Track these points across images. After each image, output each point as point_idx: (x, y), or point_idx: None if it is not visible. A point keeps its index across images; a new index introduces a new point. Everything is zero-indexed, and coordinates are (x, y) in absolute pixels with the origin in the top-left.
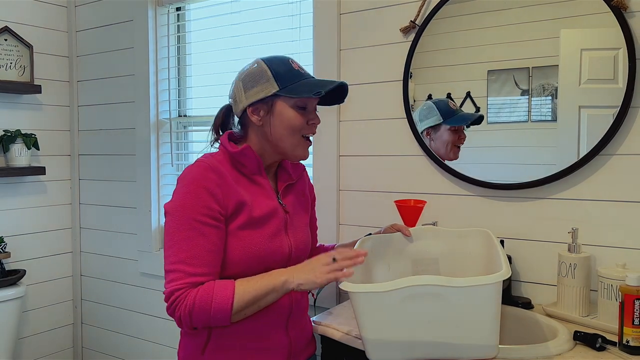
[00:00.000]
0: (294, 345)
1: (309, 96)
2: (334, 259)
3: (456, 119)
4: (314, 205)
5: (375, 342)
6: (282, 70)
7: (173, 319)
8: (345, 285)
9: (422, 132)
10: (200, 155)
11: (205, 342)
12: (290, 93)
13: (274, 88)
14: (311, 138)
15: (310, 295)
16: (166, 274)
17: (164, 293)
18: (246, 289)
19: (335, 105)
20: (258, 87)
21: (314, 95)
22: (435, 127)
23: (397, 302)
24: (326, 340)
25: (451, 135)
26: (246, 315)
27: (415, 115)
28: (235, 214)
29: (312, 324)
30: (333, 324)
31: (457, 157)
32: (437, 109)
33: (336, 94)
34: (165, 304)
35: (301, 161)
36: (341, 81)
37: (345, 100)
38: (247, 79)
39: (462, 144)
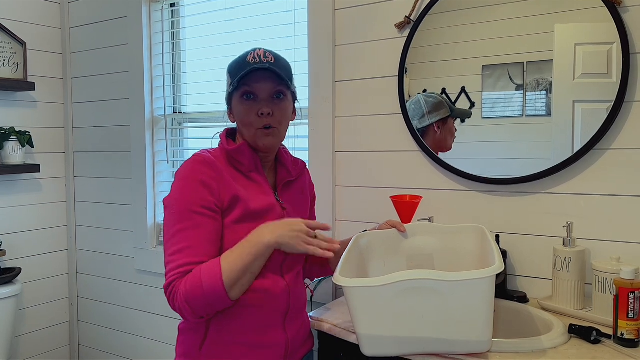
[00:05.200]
0: (292, 341)
1: (232, 90)
2: (315, 236)
3: (460, 113)
4: (314, 204)
5: (369, 337)
6: (234, 65)
7: (176, 313)
8: (339, 280)
9: (430, 125)
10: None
11: (202, 338)
12: (230, 87)
13: (229, 85)
14: (266, 126)
15: (308, 291)
16: (165, 267)
17: (164, 287)
18: (231, 260)
19: (331, 101)
20: (226, 88)
21: (232, 87)
22: (444, 120)
23: (390, 296)
24: (323, 336)
25: (454, 127)
26: (244, 286)
27: (419, 108)
28: (230, 208)
29: (310, 319)
30: (330, 320)
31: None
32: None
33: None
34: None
35: (299, 157)
36: (256, 66)
37: (339, 94)
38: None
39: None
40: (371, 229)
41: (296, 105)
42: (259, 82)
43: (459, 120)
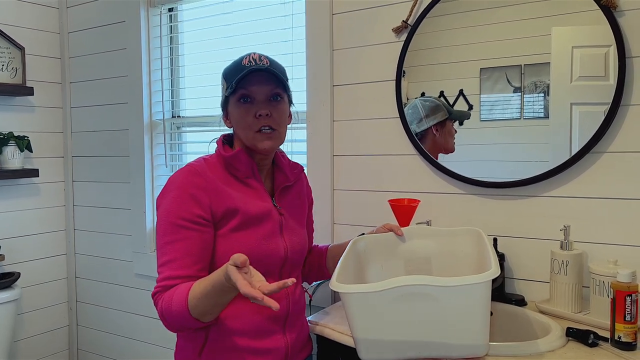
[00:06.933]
0: (291, 346)
1: (230, 93)
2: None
3: (459, 114)
4: (311, 208)
5: (366, 342)
6: (229, 70)
7: None
8: (336, 286)
9: (428, 128)
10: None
11: (202, 344)
12: (227, 91)
13: (224, 90)
14: (266, 130)
15: (306, 295)
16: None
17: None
18: (197, 289)
19: (329, 105)
20: (221, 93)
21: (228, 89)
22: (442, 122)
23: (387, 302)
24: (322, 340)
25: (453, 128)
26: (214, 314)
27: (416, 112)
28: (226, 218)
29: (308, 323)
30: (329, 324)
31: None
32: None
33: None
34: None
35: (297, 161)
36: (253, 67)
37: (337, 98)
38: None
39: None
40: (368, 232)
41: (292, 109)
42: (255, 85)
43: (457, 122)
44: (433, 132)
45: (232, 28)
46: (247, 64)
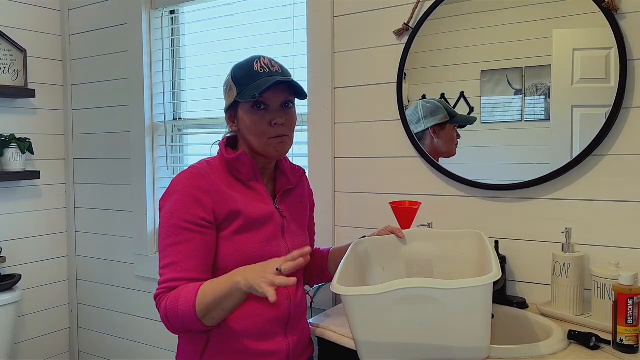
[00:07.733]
0: (293, 349)
1: (248, 100)
2: (278, 269)
3: (462, 119)
4: (313, 211)
5: (367, 345)
6: (240, 75)
7: None
8: (336, 288)
9: (425, 130)
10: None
11: (204, 346)
12: (241, 97)
13: (234, 94)
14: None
15: (307, 297)
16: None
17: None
18: (206, 291)
19: (330, 108)
20: (227, 95)
21: (251, 99)
22: (442, 125)
23: (388, 304)
24: (323, 343)
25: (455, 133)
26: (215, 319)
27: (415, 113)
28: (228, 221)
29: (310, 326)
30: (330, 326)
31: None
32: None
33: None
34: None
35: (297, 164)
36: (279, 79)
37: (338, 100)
38: (223, 88)
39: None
40: (370, 235)
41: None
42: (271, 92)
43: (459, 126)
44: (431, 134)
45: (234, 30)
46: (260, 70)
